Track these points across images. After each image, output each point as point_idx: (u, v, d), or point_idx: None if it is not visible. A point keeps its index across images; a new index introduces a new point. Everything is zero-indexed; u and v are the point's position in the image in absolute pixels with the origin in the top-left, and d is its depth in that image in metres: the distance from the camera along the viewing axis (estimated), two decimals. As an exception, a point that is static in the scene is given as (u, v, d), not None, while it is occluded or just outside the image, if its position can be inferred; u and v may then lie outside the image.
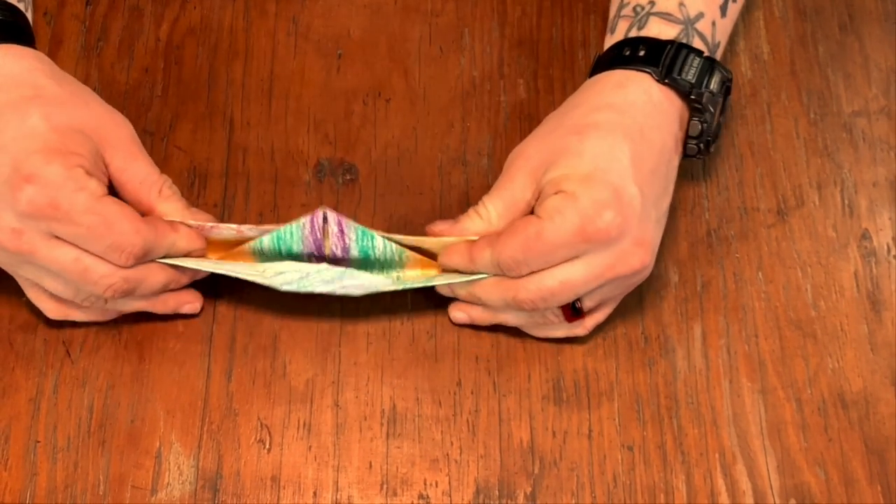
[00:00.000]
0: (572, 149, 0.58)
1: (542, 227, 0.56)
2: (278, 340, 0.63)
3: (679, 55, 0.60)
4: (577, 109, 0.60)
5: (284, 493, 0.60)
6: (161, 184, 0.60)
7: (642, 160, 0.58)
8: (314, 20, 0.73)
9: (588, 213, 0.55)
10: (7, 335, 0.63)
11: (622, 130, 0.58)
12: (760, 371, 0.64)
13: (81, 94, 0.60)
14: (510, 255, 0.57)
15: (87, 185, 0.55)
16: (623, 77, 0.60)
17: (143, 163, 0.59)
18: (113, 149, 0.58)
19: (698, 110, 0.61)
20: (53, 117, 0.56)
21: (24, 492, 0.59)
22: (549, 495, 0.60)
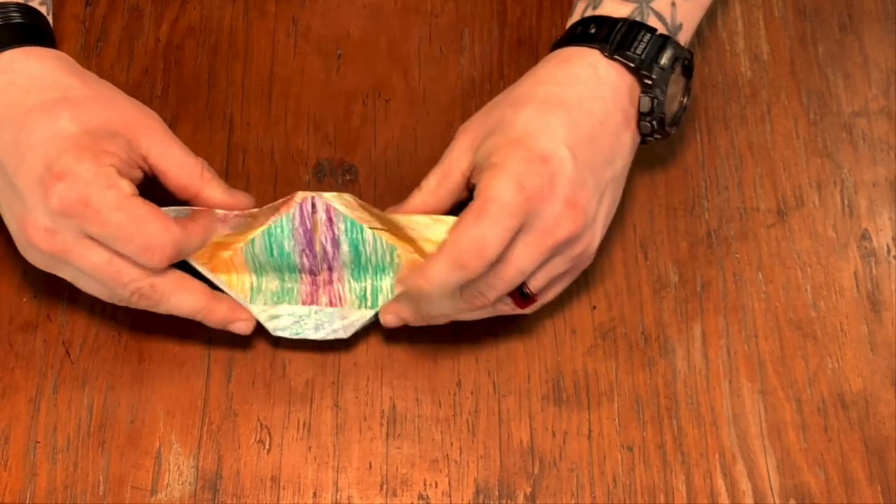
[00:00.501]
0: (507, 119, 0.58)
1: (484, 198, 0.55)
2: (278, 341, 0.63)
3: (630, 32, 0.60)
4: (521, 86, 0.61)
5: (284, 493, 0.60)
6: (201, 167, 0.60)
7: (578, 126, 0.58)
8: (314, 20, 0.72)
9: (520, 172, 0.55)
10: (7, 335, 0.63)
11: (558, 101, 0.58)
12: (760, 371, 0.64)
13: (106, 90, 0.60)
14: (466, 239, 0.54)
15: (117, 182, 0.56)
16: (569, 53, 0.61)
17: (179, 149, 0.60)
18: (148, 139, 0.58)
19: (648, 86, 0.61)
20: (83, 117, 0.57)
21: (23, 492, 0.59)
22: (548, 496, 0.60)
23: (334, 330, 0.61)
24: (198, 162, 0.60)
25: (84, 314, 0.63)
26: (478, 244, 0.54)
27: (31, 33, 0.61)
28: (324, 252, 0.61)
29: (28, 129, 0.56)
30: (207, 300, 0.59)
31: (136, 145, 0.58)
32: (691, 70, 0.63)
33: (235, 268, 0.62)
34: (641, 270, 0.66)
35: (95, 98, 0.58)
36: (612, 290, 0.65)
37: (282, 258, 0.61)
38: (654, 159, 0.69)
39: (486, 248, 0.55)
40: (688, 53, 0.62)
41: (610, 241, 0.66)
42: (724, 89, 0.71)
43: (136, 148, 0.58)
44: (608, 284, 0.65)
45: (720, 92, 0.71)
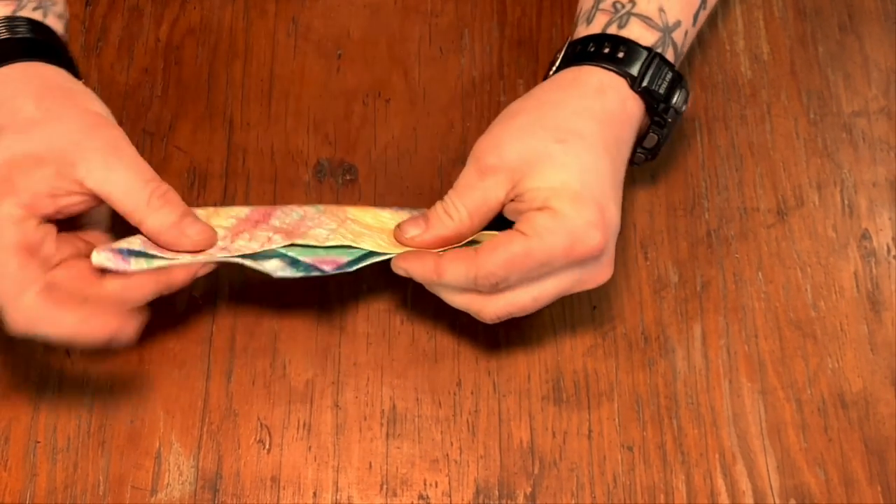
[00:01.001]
0: (557, 159, 0.56)
1: (531, 246, 0.55)
2: (278, 341, 0.63)
3: (652, 65, 0.59)
4: (557, 110, 0.59)
5: (284, 493, 0.60)
6: (147, 194, 0.56)
7: (617, 175, 0.58)
8: (314, 20, 0.72)
9: (578, 234, 0.55)
10: (7, 335, 0.63)
11: (603, 144, 0.57)
12: (760, 371, 0.64)
13: (59, 109, 0.57)
14: (490, 272, 0.55)
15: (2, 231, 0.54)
16: (602, 82, 0.59)
17: (125, 171, 0.56)
18: (87, 163, 0.55)
19: (659, 124, 0.61)
20: (12, 147, 0.55)
21: (23, 492, 0.59)
22: (548, 495, 0.60)
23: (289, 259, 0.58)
24: (146, 187, 0.56)
25: (84, 314, 0.63)
26: (500, 280, 0.55)
27: (25, 48, 0.59)
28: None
29: None
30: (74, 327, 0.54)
31: (68, 172, 0.55)
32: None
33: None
34: (641, 270, 0.66)
35: (40, 121, 0.56)
36: (612, 290, 0.65)
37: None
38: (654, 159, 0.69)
39: (504, 284, 0.56)
40: (689, 93, 0.62)
41: (610, 241, 0.66)
42: (724, 89, 0.71)
43: (68, 175, 0.55)
44: (608, 284, 0.65)
45: (720, 92, 0.71)
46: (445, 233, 0.58)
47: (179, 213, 0.57)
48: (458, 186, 0.58)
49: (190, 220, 0.57)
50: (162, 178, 0.66)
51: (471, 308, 0.58)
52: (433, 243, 0.58)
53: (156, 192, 0.56)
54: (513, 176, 0.57)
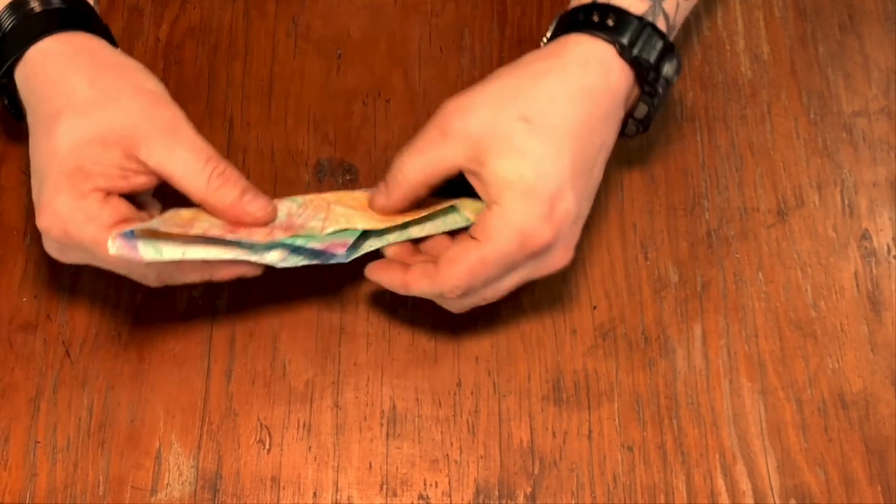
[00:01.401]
0: (517, 142, 0.56)
1: (485, 253, 0.56)
2: (278, 341, 0.63)
3: (643, 33, 0.59)
4: (533, 84, 0.58)
5: (284, 493, 0.60)
6: (208, 173, 0.56)
7: (583, 160, 0.57)
8: (314, 20, 0.72)
9: (527, 230, 0.56)
10: (7, 335, 0.63)
11: (571, 127, 0.57)
12: (760, 371, 0.63)
13: (115, 87, 0.57)
14: (454, 286, 0.57)
15: (97, 216, 0.55)
16: (588, 53, 0.58)
17: (185, 153, 0.56)
18: (148, 145, 0.56)
19: (649, 93, 0.60)
20: (75, 132, 0.55)
21: (23, 492, 0.59)
22: (548, 496, 0.60)
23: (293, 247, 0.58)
24: (206, 168, 0.56)
25: (84, 314, 0.63)
26: (465, 286, 0.57)
27: (56, 21, 0.59)
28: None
29: (33, 146, 0.57)
30: (208, 270, 0.58)
31: (133, 154, 0.56)
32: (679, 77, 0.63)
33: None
34: (641, 270, 0.66)
35: (97, 102, 0.57)
36: (612, 290, 0.65)
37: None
38: (654, 159, 0.69)
39: (470, 288, 0.57)
40: (681, 63, 0.61)
41: (610, 241, 0.66)
42: (725, 89, 0.71)
43: (134, 157, 0.56)
44: (608, 284, 0.65)
45: (720, 92, 0.71)
46: (400, 193, 0.59)
47: (239, 190, 0.57)
48: (417, 144, 0.58)
49: (250, 197, 0.57)
50: (162, 177, 0.67)
51: (437, 300, 0.60)
52: (398, 206, 0.59)
53: (215, 172, 0.56)
54: (474, 146, 0.57)
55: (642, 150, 0.69)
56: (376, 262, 0.60)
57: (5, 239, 0.65)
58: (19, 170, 0.67)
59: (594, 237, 0.66)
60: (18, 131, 0.68)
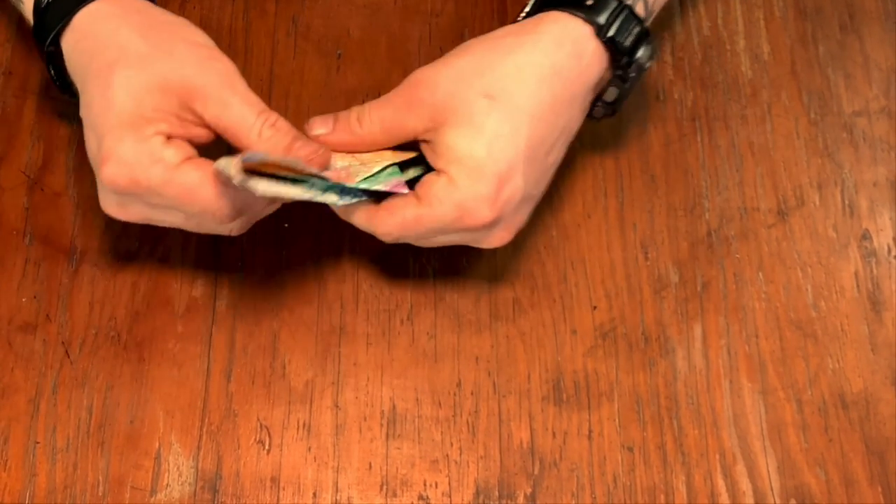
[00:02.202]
0: (476, 118, 0.56)
1: (420, 214, 0.57)
2: (278, 341, 0.63)
3: (621, 16, 0.59)
4: (502, 60, 0.58)
5: (284, 493, 0.60)
6: (260, 125, 0.57)
7: (541, 144, 0.58)
8: (314, 20, 0.72)
9: (468, 207, 0.56)
10: (7, 335, 0.63)
11: (533, 107, 0.57)
12: (761, 371, 0.63)
13: (168, 42, 0.58)
14: (385, 232, 0.58)
15: (162, 156, 0.55)
16: (563, 32, 0.58)
17: (238, 106, 0.57)
18: (203, 98, 0.57)
19: (621, 78, 0.60)
20: (132, 82, 0.56)
21: (23, 492, 0.59)
22: (549, 496, 0.60)
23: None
24: (258, 120, 0.57)
25: (83, 314, 0.63)
26: (396, 235, 0.59)
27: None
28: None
29: (88, 103, 0.57)
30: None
31: (190, 106, 0.57)
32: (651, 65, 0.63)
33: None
34: (641, 270, 0.66)
35: (151, 53, 0.57)
36: (612, 290, 0.65)
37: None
38: (654, 159, 0.69)
39: (400, 237, 0.59)
40: (657, 50, 0.61)
41: (610, 241, 0.66)
42: (725, 89, 0.71)
43: (190, 108, 0.57)
44: (608, 284, 0.65)
45: (720, 92, 0.71)
46: (349, 138, 0.59)
47: (291, 137, 0.58)
48: (383, 100, 0.59)
49: (301, 143, 0.58)
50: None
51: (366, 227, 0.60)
52: (336, 144, 0.59)
53: (266, 123, 0.57)
54: (434, 116, 0.57)
55: (642, 150, 0.69)
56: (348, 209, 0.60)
57: (5, 239, 0.65)
58: (19, 170, 0.67)
59: (594, 237, 0.66)
60: (18, 132, 0.68)
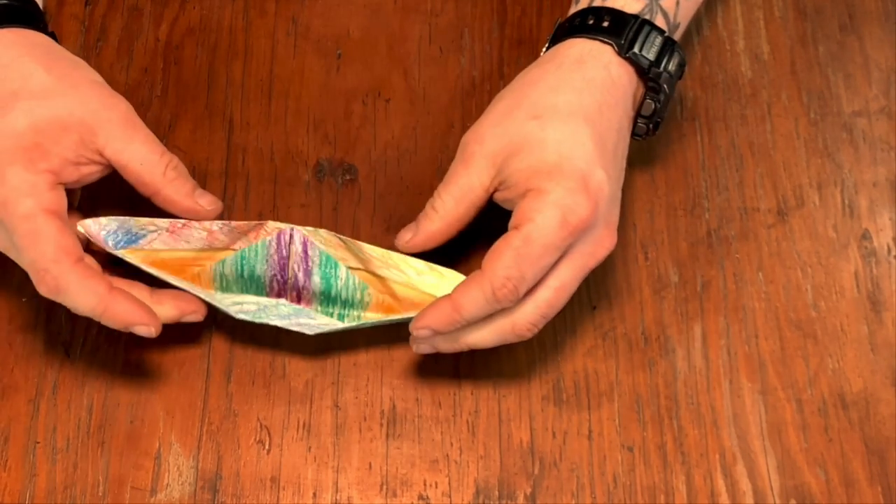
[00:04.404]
0: (534, 137, 0.56)
1: (527, 233, 0.55)
2: (278, 341, 0.63)
3: (641, 31, 0.59)
4: (534, 88, 0.59)
5: (284, 493, 0.60)
6: (164, 165, 0.58)
7: (604, 141, 0.57)
8: (314, 20, 0.72)
9: (567, 205, 0.55)
10: (7, 335, 0.63)
11: (582, 113, 0.57)
12: (761, 371, 0.63)
13: (71, 77, 0.58)
14: (504, 275, 0.54)
15: (40, 194, 0.55)
16: (583, 51, 0.59)
17: (142, 144, 0.58)
18: (106, 133, 0.57)
19: (653, 90, 0.60)
20: (35, 112, 0.56)
21: (23, 492, 0.59)
22: (548, 496, 0.60)
23: (300, 324, 0.61)
24: (162, 160, 0.58)
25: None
26: (516, 281, 0.55)
27: (13, 15, 0.60)
28: (295, 280, 0.61)
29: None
30: (105, 301, 0.56)
31: (90, 140, 0.57)
32: (683, 75, 0.63)
33: (202, 283, 0.61)
34: (641, 270, 0.66)
35: (56, 87, 0.57)
36: (612, 290, 0.65)
37: (251, 280, 0.61)
38: (654, 159, 0.69)
39: (523, 285, 0.55)
40: (685, 59, 0.62)
41: (610, 241, 0.66)
42: (725, 89, 0.71)
43: (89, 143, 0.57)
44: (608, 284, 0.65)
45: (720, 92, 0.71)
46: (434, 227, 0.59)
47: (192, 184, 0.60)
48: (444, 180, 0.59)
49: (201, 192, 0.60)
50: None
51: (504, 333, 0.57)
52: (426, 241, 0.59)
53: (170, 164, 0.59)
54: (494, 160, 0.57)
55: (642, 150, 0.69)
56: (419, 315, 0.57)
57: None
58: (19, 170, 0.67)
59: (594, 237, 0.66)
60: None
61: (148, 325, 0.57)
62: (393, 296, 0.61)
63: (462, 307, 0.56)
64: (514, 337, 0.57)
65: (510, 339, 0.58)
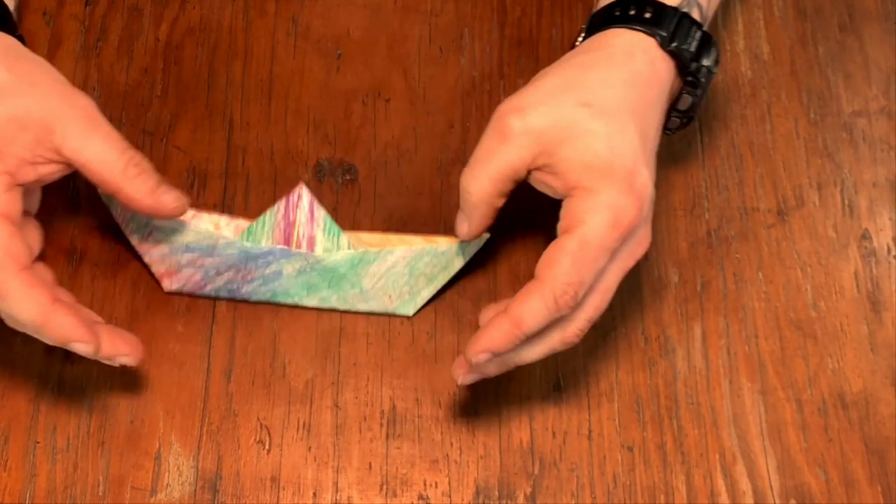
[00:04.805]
0: (584, 125, 0.55)
1: (583, 235, 0.53)
2: (278, 341, 0.63)
3: (682, 25, 0.59)
4: (584, 74, 0.57)
5: (284, 493, 0.60)
6: (124, 162, 0.56)
7: (647, 139, 0.57)
8: (314, 20, 0.72)
9: (616, 206, 0.53)
10: (7, 336, 0.63)
11: (630, 108, 0.56)
12: (760, 371, 0.63)
13: (31, 75, 0.57)
14: (566, 283, 0.53)
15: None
16: (631, 42, 0.58)
17: (102, 141, 0.56)
18: (64, 131, 0.55)
19: (692, 84, 0.60)
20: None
21: (23, 493, 0.59)
22: (548, 496, 0.60)
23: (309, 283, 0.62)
24: (122, 157, 0.56)
25: (84, 314, 0.63)
26: (577, 287, 0.53)
27: None
28: (299, 240, 0.62)
29: None
30: (46, 312, 0.54)
31: (47, 139, 0.55)
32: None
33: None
34: (641, 270, 0.66)
35: (15, 86, 0.56)
36: (612, 291, 0.65)
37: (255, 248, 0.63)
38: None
39: (582, 290, 0.54)
40: (720, 53, 0.61)
41: (610, 241, 0.66)
42: (725, 89, 0.71)
43: (47, 142, 0.55)
44: (608, 284, 0.65)
45: (720, 92, 0.71)
46: (477, 211, 0.57)
47: (155, 181, 0.57)
48: (478, 155, 0.57)
49: (165, 188, 0.58)
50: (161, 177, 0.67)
51: (554, 343, 0.56)
52: (480, 225, 0.58)
53: (132, 161, 0.57)
54: (539, 140, 0.55)
55: (642, 150, 0.69)
56: (472, 341, 0.55)
57: (5, 239, 0.65)
58: (19, 170, 0.67)
59: (594, 237, 0.66)
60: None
61: (87, 343, 0.55)
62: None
63: (523, 321, 0.54)
64: (562, 346, 0.56)
65: (559, 348, 0.56)
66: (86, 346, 0.55)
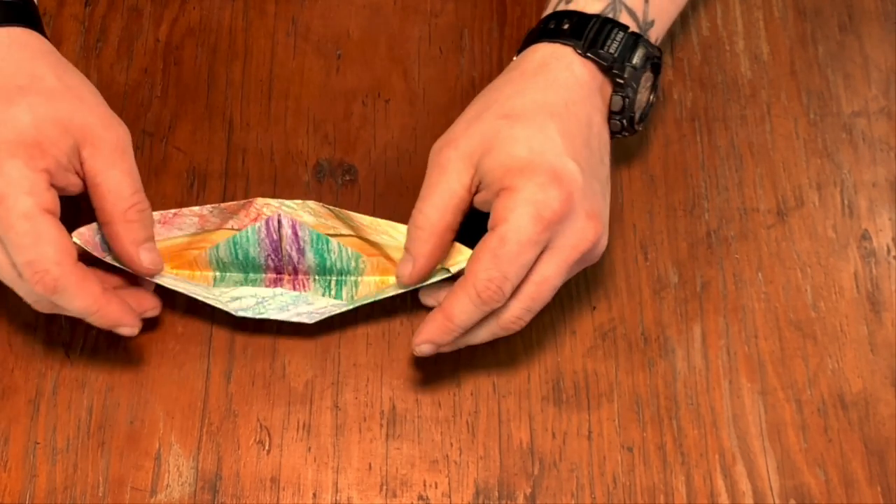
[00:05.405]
0: (504, 134, 0.57)
1: (502, 233, 0.55)
2: (278, 342, 0.63)
3: (603, 29, 0.60)
4: (501, 92, 0.60)
5: (284, 494, 0.60)
6: (131, 203, 0.58)
7: (572, 135, 0.58)
8: (314, 20, 0.72)
9: (538, 199, 0.55)
10: (7, 336, 0.63)
11: (548, 110, 0.58)
12: (760, 372, 0.63)
13: (79, 88, 0.59)
14: (485, 277, 0.55)
15: (41, 192, 0.55)
16: (546, 55, 0.61)
17: (121, 173, 0.58)
18: (94, 148, 0.57)
19: (620, 85, 0.61)
20: (39, 109, 0.56)
21: (23, 493, 0.59)
22: (548, 496, 0.60)
23: (298, 314, 0.61)
24: (132, 198, 0.58)
25: (84, 315, 0.63)
26: (499, 282, 0.56)
27: (19, 14, 0.60)
28: (289, 257, 0.62)
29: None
30: (99, 302, 0.56)
31: (80, 150, 0.57)
32: (660, 68, 0.64)
33: (199, 266, 0.63)
34: (641, 270, 0.66)
35: (63, 93, 0.58)
36: (612, 291, 0.65)
37: (247, 261, 0.62)
38: (654, 159, 0.69)
39: (506, 284, 0.56)
40: (658, 52, 0.63)
41: (610, 241, 0.66)
42: (724, 89, 0.71)
43: (79, 153, 0.57)
44: (608, 284, 0.65)
45: (720, 92, 0.71)
46: (427, 247, 0.59)
47: (145, 236, 0.59)
48: (421, 195, 0.59)
49: (149, 246, 0.59)
50: (161, 178, 0.67)
51: (493, 329, 0.59)
52: (425, 265, 0.59)
53: (137, 206, 0.58)
54: (471, 159, 0.58)
55: (642, 150, 0.69)
56: (417, 331, 0.59)
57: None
58: (19, 170, 0.67)
59: (594, 237, 0.66)
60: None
61: (132, 327, 0.58)
62: (388, 258, 0.62)
63: (454, 316, 0.57)
64: (503, 332, 0.59)
65: (500, 333, 0.59)
66: (130, 329, 0.58)
